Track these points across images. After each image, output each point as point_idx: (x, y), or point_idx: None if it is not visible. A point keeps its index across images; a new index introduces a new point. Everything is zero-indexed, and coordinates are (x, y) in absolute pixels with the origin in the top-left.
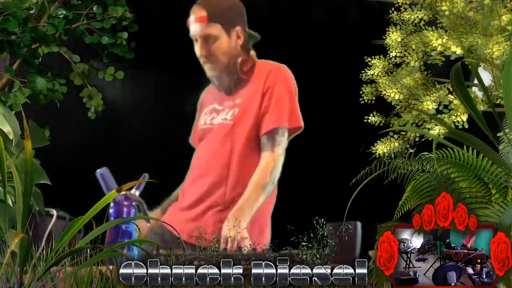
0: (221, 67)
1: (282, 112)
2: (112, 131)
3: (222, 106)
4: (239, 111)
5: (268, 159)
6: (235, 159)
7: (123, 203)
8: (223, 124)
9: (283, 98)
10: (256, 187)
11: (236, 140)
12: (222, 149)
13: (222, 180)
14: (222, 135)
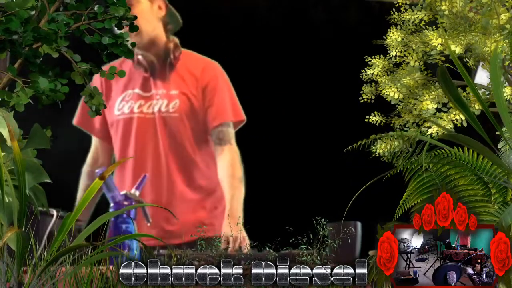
0: (150, 38)
1: (227, 107)
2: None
3: (150, 93)
4: (181, 103)
5: (231, 152)
6: (182, 156)
7: (123, 203)
8: (166, 117)
9: (226, 93)
10: (236, 182)
11: (184, 135)
12: (168, 143)
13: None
14: (166, 128)
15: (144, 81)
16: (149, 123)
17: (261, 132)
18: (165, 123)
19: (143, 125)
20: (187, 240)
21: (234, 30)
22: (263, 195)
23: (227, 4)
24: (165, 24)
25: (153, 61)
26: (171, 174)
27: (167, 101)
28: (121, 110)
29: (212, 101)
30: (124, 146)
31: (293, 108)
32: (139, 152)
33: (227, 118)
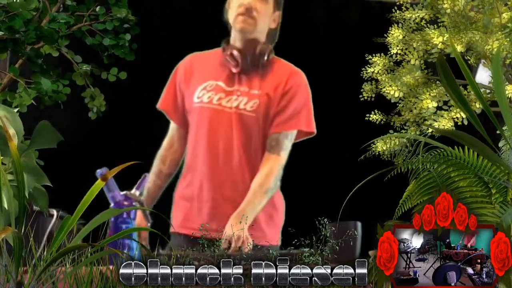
0: (253, 36)
1: (299, 116)
2: (113, 131)
3: (232, 88)
4: (259, 104)
5: (274, 163)
6: (251, 156)
7: (123, 203)
8: (242, 114)
9: (304, 102)
10: (261, 190)
11: (256, 135)
12: (241, 141)
13: (238, 175)
14: (241, 125)
15: (230, 75)
16: (225, 117)
17: None
18: (241, 120)
19: (218, 118)
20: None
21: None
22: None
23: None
24: (270, 35)
25: (246, 58)
26: (240, 173)
27: (247, 99)
28: (200, 98)
29: (285, 107)
30: (197, 135)
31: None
32: (210, 144)
33: (294, 127)
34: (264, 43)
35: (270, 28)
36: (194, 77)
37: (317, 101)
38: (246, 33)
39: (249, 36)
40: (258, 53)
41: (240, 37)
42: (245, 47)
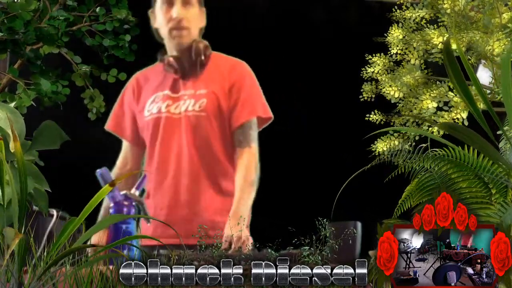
0: (189, 42)
1: (254, 104)
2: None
3: (178, 94)
4: (208, 102)
5: (249, 156)
6: (211, 153)
7: (123, 203)
8: (192, 116)
9: (253, 91)
10: (247, 185)
11: (211, 134)
12: (193, 143)
13: (192, 178)
14: (191, 127)
15: (174, 82)
16: (175, 123)
17: (261, 132)
18: (191, 122)
19: (169, 125)
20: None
21: (232, 29)
22: (263, 195)
23: (226, 3)
24: (200, 31)
25: (183, 62)
26: (194, 175)
27: (194, 100)
28: (150, 111)
29: (236, 100)
30: (152, 147)
31: (293, 107)
32: (163, 151)
33: (251, 115)
34: (198, 41)
35: (201, 27)
36: (143, 93)
37: (317, 101)
38: (183, 43)
39: (185, 44)
40: (195, 54)
41: (176, 46)
42: (181, 52)
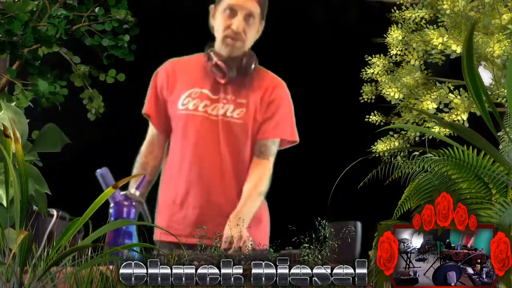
0: (239, 53)
1: (285, 126)
2: (113, 131)
3: (217, 96)
4: (246, 112)
5: (264, 167)
6: (239, 162)
7: (123, 203)
8: (230, 121)
9: (288, 112)
10: (255, 192)
11: (243, 142)
12: (228, 147)
13: (225, 181)
14: (228, 132)
15: (215, 84)
16: (211, 124)
17: None
18: (228, 127)
19: (204, 125)
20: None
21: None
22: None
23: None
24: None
25: (231, 69)
26: (227, 179)
27: (233, 106)
28: (185, 105)
29: (272, 117)
30: (183, 142)
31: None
32: (197, 150)
33: (281, 135)
34: (249, 53)
35: (255, 39)
36: (178, 83)
37: (317, 101)
38: (235, 52)
39: (237, 53)
40: (245, 64)
41: (227, 52)
42: (232, 58)
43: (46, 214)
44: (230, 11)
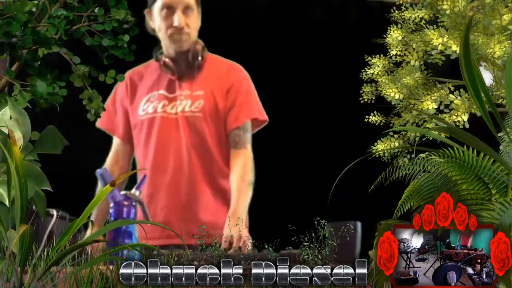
0: (188, 46)
1: (251, 107)
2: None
3: (174, 94)
4: (205, 103)
5: (245, 157)
6: (208, 153)
7: (123, 203)
8: (189, 116)
9: (250, 94)
10: (244, 183)
11: (208, 134)
12: (191, 142)
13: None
14: (188, 127)
15: (170, 82)
16: (172, 123)
17: (260, 131)
18: (189, 122)
19: (165, 125)
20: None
21: (232, 29)
22: (262, 195)
23: (226, 3)
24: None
25: (180, 64)
26: (193, 174)
27: (191, 101)
28: (145, 110)
29: (234, 102)
30: (146, 146)
31: (292, 107)
32: (160, 151)
33: (248, 117)
34: (196, 43)
35: (198, 27)
36: (138, 92)
37: (317, 101)
38: (183, 46)
39: (185, 46)
40: (192, 56)
41: (175, 48)
42: (179, 54)
43: (44, 216)
44: (168, 9)
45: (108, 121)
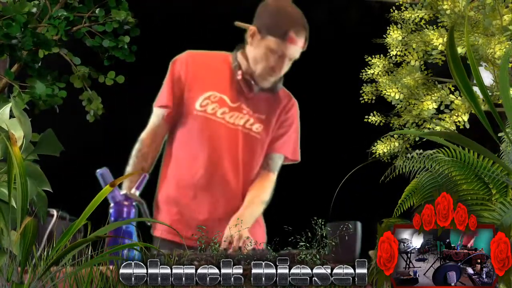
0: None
1: (294, 144)
2: (113, 131)
3: (236, 105)
4: (264, 129)
5: (270, 179)
6: (249, 175)
7: (123, 203)
8: (249, 133)
9: (297, 131)
10: (258, 200)
11: (258, 157)
12: (245, 159)
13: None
14: (246, 144)
15: (236, 91)
16: (230, 132)
17: None
18: (247, 138)
19: (224, 132)
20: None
21: (232, 29)
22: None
23: (226, 3)
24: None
25: (260, 88)
26: (238, 190)
27: (252, 120)
28: (203, 107)
29: (285, 133)
30: (197, 145)
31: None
32: (215, 156)
33: (286, 152)
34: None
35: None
36: (197, 81)
37: (316, 101)
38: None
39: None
40: (272, 85)
41: (260, 76)
42: (263, 78)
43: (45, 218)
44: (276, 54)
45: (169, 99)
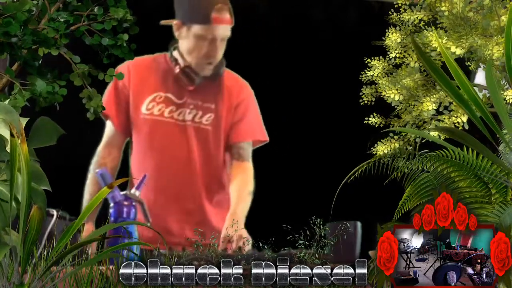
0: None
1: (257, 127)
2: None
3: (183, 101)
4: (215, 117)
5: (247, 169)
6: (211, 168)
7: (123, 203)
8: (199, 127)
9: (256, 112)
10: (245, 193)
11: (213, 147)
12: (200, 153)
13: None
14: (198, 138)
15: (179, 87)
16: (180, 130)
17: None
18: (198, 132)
19: (174, 131)
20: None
21: (231, 29)
22: (260, 194)
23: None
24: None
25: (199, 75)
26: (196, 185)
27: (201, 112)
28: (150, 110)
29: (243, 117)
30: (148, 148)
31: (291, 108)
32: (167, 157)
33: (253, 137)
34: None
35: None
36: (140, 85)
37: (316, 102)
38: (213, 64)
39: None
40: (214, 71)
41: (196, 63)
42: (201, 66)
43: (45, 216)
44: (203, 40)
45: (112, 108)
